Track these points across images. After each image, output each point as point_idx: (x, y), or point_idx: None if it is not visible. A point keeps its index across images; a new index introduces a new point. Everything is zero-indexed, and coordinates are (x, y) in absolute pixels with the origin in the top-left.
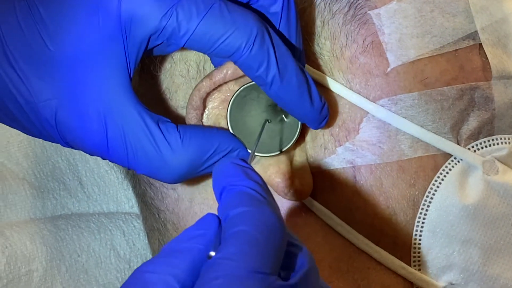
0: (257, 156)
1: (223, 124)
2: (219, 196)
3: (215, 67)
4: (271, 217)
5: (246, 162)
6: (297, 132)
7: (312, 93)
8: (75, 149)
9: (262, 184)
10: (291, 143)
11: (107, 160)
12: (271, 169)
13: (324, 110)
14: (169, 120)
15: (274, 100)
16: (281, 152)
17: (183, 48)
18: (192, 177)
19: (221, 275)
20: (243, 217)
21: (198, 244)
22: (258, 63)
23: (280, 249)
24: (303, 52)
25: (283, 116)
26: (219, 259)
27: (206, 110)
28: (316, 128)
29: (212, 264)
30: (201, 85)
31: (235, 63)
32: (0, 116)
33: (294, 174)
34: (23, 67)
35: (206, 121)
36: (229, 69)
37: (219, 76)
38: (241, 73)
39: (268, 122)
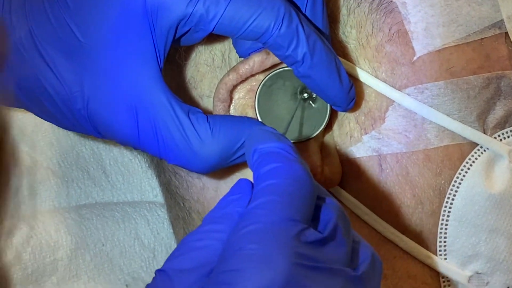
0: None
1: (250, 114)
2: (252, 158)
3: (239, 56)
4: (300, 171)
5: (275, 130)
6: (327, 116)
7: (341, 72)
8: (108, 139)
9: (292, 146)
10: (322, 127)
11: (131, 149)
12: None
13: (352, 91)
14: (200, 111)
15: (303, 81)
16: (311, 137)
17: (208, 37)
18: (224, 167)
19: (252, 223)
20: (273, 172)
21: (236, 207)
22: (288, 42)
23: (310, 201)
24: (329, 36)
25: (310, 102)
26: (250, 209)
27: (232, 101)
28: (344, 110)
29: (243, 214)
30: (228, 78)
31: (264, 44)
32: (34, 111)
33: (324, 162)
34: (54, 59)
35: (233, 112)
36: (255, 61)
37: (245, 69)
38: (267, 65)
39: (304, 99)
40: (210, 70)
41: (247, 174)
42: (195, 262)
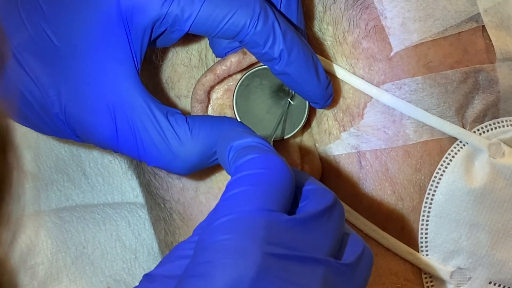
0: None
1: (228, 114)
2: (227, 156)
3: (216, 56)
4: (276, 161)
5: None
6: (305, 114)
7: (318, 68)
8: (87, 143)
9: (266, 140)
10: (301, 124)
11: (110, 150)
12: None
13: (329, 88)
14: (179, 112)
15: (280, 79)
16: (291, 135)
17: (185, 37)
18: (205, 168)
19: (224, 214)
20: (248, 163)
21: None
22: (264, 39)
23: (287, 190)
24: (304, 32)
25: (289, 100)
26: (223, 200)
27: (210, 102)
28: (322, 107)
29: (218, 205)
30: (205, 79)
31: (241, 42)
32: (12, 116)
33: (304, 160)
34: (30, 64)
35: (211, 112)
36: (232, 62)
37: (222, 70)
38: (244, 65)
39: (290, 103)
40: (187, 70)
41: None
42: (181, 269)
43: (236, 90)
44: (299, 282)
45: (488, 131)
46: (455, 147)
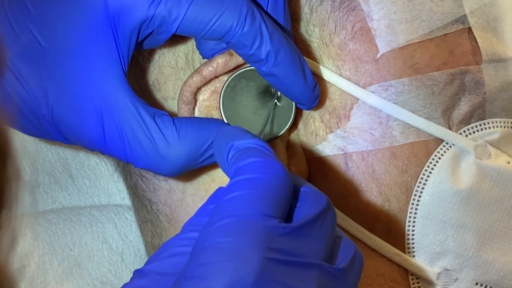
0: None
1: (215, 115)
2: (227, 154)
3: (203, 57)
4: (279, 168)
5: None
6: (292, 115)
7: (305, 69)
8: (75, 145)
9: (268, 144)
10: (288, 125)
11: (97, 152)
12: None
13: (316, 89)
14: (166, 113)
15: (267, 80)
16: (278, 136)
17: (171, 38)
18: (192, 169)
19: (226, 216)
20: (252, 167)
21: None
22: (251, 40)
23: (287, 197)
24: (291, 33)
25: (275, 101)
26: (224, 201)
27: (197, 104)
28: (309, 108)
29: (217, 206)
30: (192, 81)
31: (227, 43)
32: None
33: (290, 161)
34: (18, 66)
35: (198, 114)
36: (219, 63)
37: (208, 71)
38: (231, 66)
39: (277, 104)
40: (173, 72)
41: (213, 175)
42: (174, 267)
43: (222, 92)
44: (296, 287)
45: (474, 132)
46: (441, 149)
